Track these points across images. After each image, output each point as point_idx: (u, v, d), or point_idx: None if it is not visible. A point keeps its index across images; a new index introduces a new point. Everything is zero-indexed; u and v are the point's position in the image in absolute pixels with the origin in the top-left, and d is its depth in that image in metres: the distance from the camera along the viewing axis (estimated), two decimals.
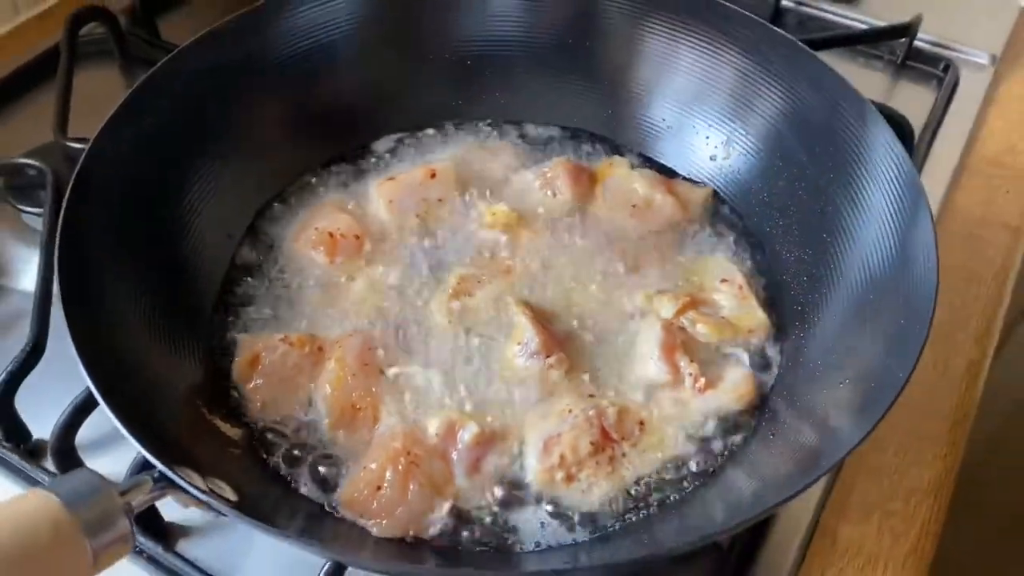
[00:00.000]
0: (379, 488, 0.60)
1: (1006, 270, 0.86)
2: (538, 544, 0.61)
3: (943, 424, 0.74)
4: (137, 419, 0.53)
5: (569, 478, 0.62)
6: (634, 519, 0.62)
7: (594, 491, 0.62)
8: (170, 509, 0.64)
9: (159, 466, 0.49)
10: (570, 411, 0.65)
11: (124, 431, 0.51)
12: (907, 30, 1.02)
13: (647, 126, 0.85)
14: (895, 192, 0.66)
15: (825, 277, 0.70)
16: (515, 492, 0.63)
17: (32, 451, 0.69)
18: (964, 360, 0.79)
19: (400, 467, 0.61)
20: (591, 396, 0.66)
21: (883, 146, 0.68)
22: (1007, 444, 1.57)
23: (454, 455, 0.63)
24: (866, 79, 1.03)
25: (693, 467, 0.65)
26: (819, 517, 0.68)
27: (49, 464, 0.67)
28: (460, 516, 0.62)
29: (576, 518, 0.62)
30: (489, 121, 0.87)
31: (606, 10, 0.83)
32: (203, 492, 0.49)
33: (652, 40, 0.82)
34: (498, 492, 0.63)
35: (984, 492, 1.62)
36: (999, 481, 1.62)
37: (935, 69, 1.04)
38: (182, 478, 0.49)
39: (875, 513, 0.69)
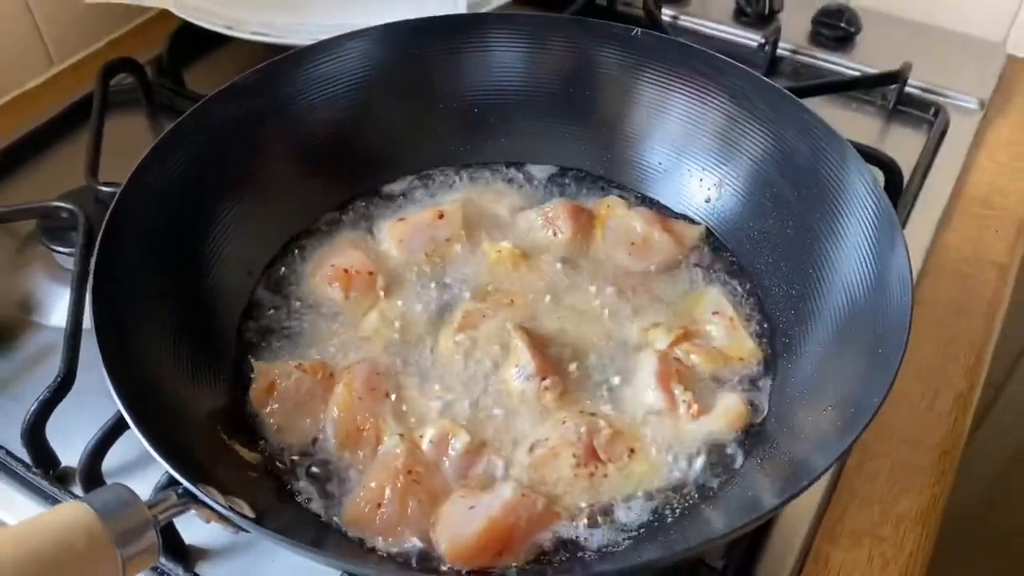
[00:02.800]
0: (379, 506, 0.63)
1: (994, 306, 0.89)
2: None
3: (932, 454, 0.76)
4: (163, 441, 0.56)
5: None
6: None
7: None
8: (190, 532, 0.67)
9: (183, 482, 0.52)
10: (564, 422, 0.68)
11: (151, 450, 0.54)
12: (897, 77, 1.05)
13: (644, 169, 0.88)
14: (873, 227, 0.69)
15: (811, 310, 0.73)
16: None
17: (60, 477, 0.72)
18: (953, 393, 0.81)
19: (399, 485, 0.63)
20: (592, 415, 0.69)
21: (861, 184, 0.71)
22: (1012, 482, 1.58)
23: (445, 462, 0.66)
24: (860, 124, 1.06)
25: (678, 497, 0.67)
26: (812, 542, 0.70)
27: (77, 489, 0.70)
28: None
29: None
30: (495, 164, 0.91)
31: (603, 61, 0.86)
32: (222, 506, 0.52)
33: (646, 89, 0.86)
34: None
35: (989, 532, 1.63)
36: (1004, 520, 1.62)
37: (926, 114, 1.07)
38: (204, 493, 0.53)
39: (866, 539, 0.71)
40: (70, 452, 0.71)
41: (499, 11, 1.04)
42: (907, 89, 1.07)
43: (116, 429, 0.68)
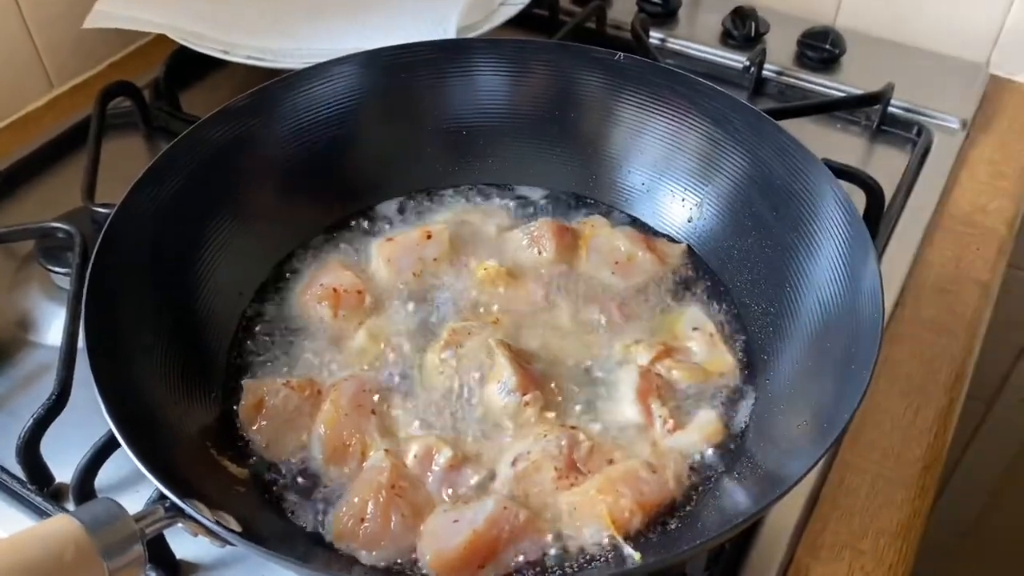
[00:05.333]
0: (363, 520, 0.64)
1: (975, 323, 0.90)
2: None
3: (913, 469, 0.77)
4: (153, 457, 0.57)
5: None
6: None
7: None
8: (180, 546, 0.68)
9: (171, 496, 0.54)
10: (545, 436, 0.69)
11: (140, 466, 0.55)
12: (880, 97, 1.07)
13: (627, 189, 0.89)
14: (846, 244, 0.70)
15: (788, 326, 0.74)
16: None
17: (54, 493, 0.73)
18: (934, 409, 0.82)
19: (381, 499, 0.64)
20: (572, 428, 0.70)
21: (835, 202, 0.72)
22: (1004, 496, 1.58)
23: (429, 477, 0.67)
24: (844, 144, 1.08)
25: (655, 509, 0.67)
26: (793, 555, 0.71)
27: (70, 505, 0.71)
28: None
29: None
30: (482, 185, 0.92)
31: (586, 85, 0.88)
32: (209, 520, 0.53)
33: (629, 112, 0.87)
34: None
35: (982, 546, 1.63)
36: (997, 535, 1.63)
37: (909, 133, 1.08)
38: (191, 508, 0.54)
39: (846, 552, 0.71)
40: (65, 468, 0.72)
41: (486, 36, 1.05)
42: (890, 109, 1.08)
43: (109, 446, 0.69)
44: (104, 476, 0.71)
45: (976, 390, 0.89)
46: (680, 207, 0.87)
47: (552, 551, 0.65)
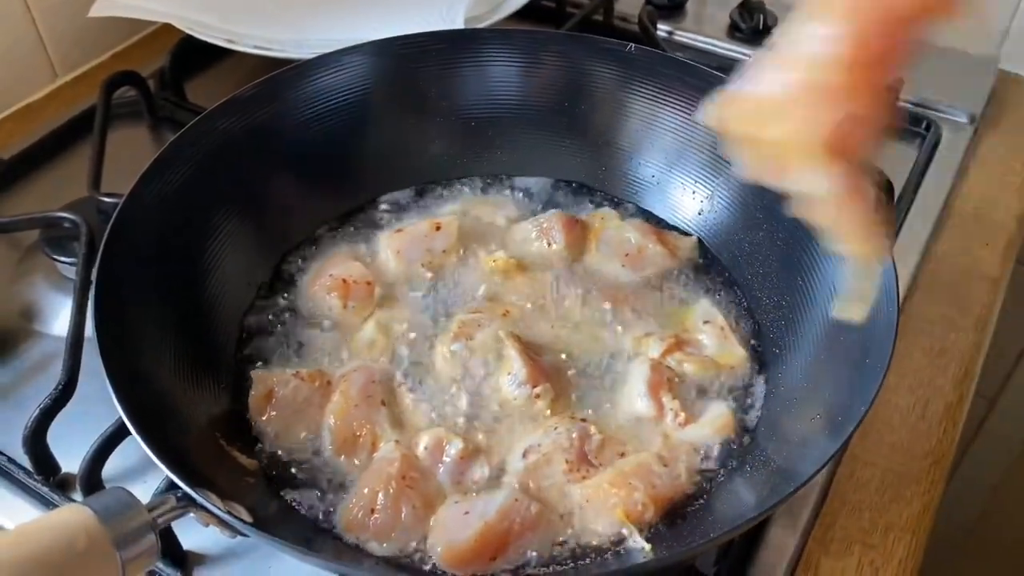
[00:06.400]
0: (373, 511, 0.64)
1: (984, 319, 0.89)
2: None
3: (923, 463, 0.77)
4: (164, 447, 0.57)
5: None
6: None
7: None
8: (188, 537, 0.68)
9: (182, 486, 0.53)
10: (556, 428, 0.69)
11: (153, 456, 0.55)
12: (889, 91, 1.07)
13: (638, 181, 0.89)
14: None
15: (800, 320, 0.74)
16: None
17: (61, 483, 0.72)
18: (943, 403, 0.82)
19: (391, 491, 0.64)
20: (583, 420, 0.70)
21: None
22: (1008, 494, 1.58)
23: (440, 468, 0.67)
24: None
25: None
26: (803, 549, 0.71)
27: (77, 495, 0.70)
28: None
29: None
30: (492, 176, 0.92)
31: (597, 76, 0.87)
32: (220, 510, 0.53)
33: (640, 103, 0.86)
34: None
35: (985, 543, 1.63)
36: (1000, 532, 1.63)
37: (918, 128, 1.07)
38: (202, 498, 0.54)
39: (856, 547, 0.71)
40: (71, 459, 0.72)
41: (495, 27, 1.05)
42: (899, 104, 1.07)
43: (116, 436, 0.69)
44: (110, 466, 0.70)
45: (979, 387, 0.89)
46: (691, 199, 0.86)
47: (563, 543, 0.65)
